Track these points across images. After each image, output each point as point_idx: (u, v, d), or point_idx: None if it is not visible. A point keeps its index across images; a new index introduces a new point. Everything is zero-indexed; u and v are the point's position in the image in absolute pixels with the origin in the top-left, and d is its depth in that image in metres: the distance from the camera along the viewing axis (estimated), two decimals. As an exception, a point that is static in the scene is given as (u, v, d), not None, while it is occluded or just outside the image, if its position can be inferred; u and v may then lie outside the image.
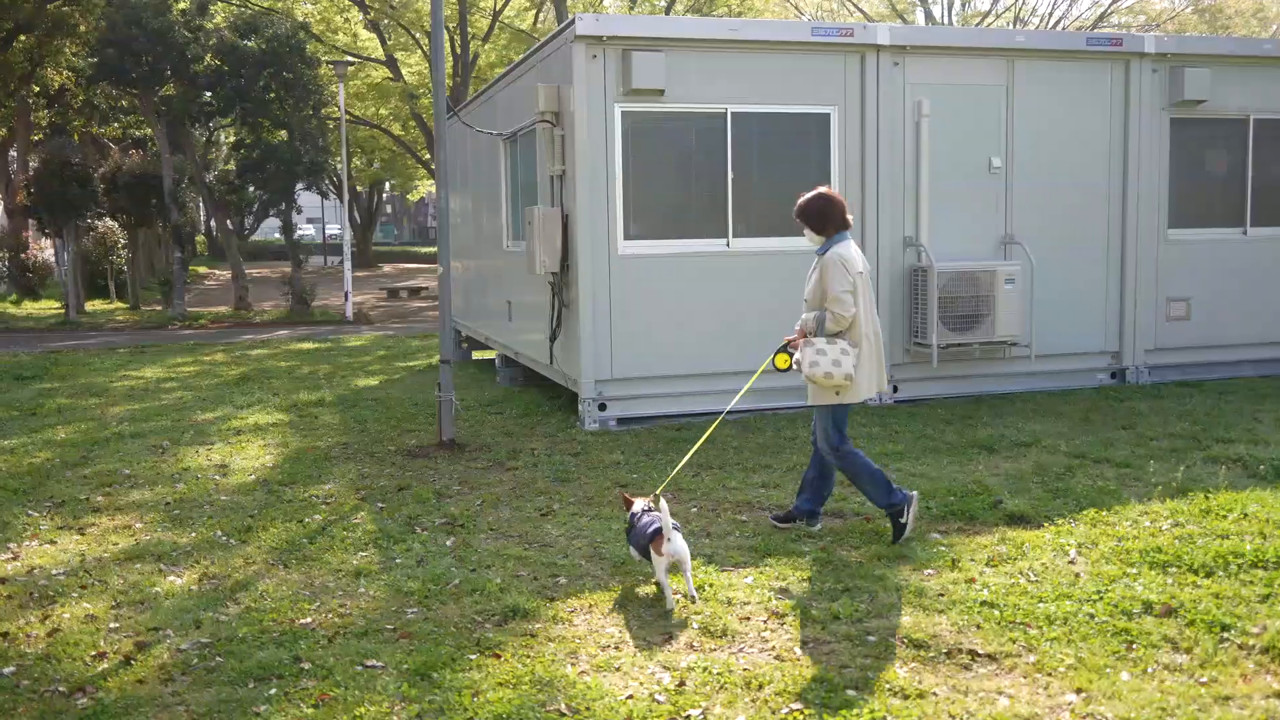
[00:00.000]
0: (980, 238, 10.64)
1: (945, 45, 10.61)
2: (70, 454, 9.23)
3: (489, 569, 5.93)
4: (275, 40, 24.05)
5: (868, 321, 6.05)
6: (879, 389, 6.23)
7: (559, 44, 9.87)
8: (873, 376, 6.10)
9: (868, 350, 6.03)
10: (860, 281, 5.99)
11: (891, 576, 5.55)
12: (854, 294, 5.92)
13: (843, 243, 6.07)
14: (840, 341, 5.96)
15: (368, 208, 50.55)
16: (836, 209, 6.09)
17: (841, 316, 5.95)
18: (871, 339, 6.08)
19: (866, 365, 6.02)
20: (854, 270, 5.95)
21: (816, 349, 5.95)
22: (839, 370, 5.90)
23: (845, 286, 5.91)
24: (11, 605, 5.55)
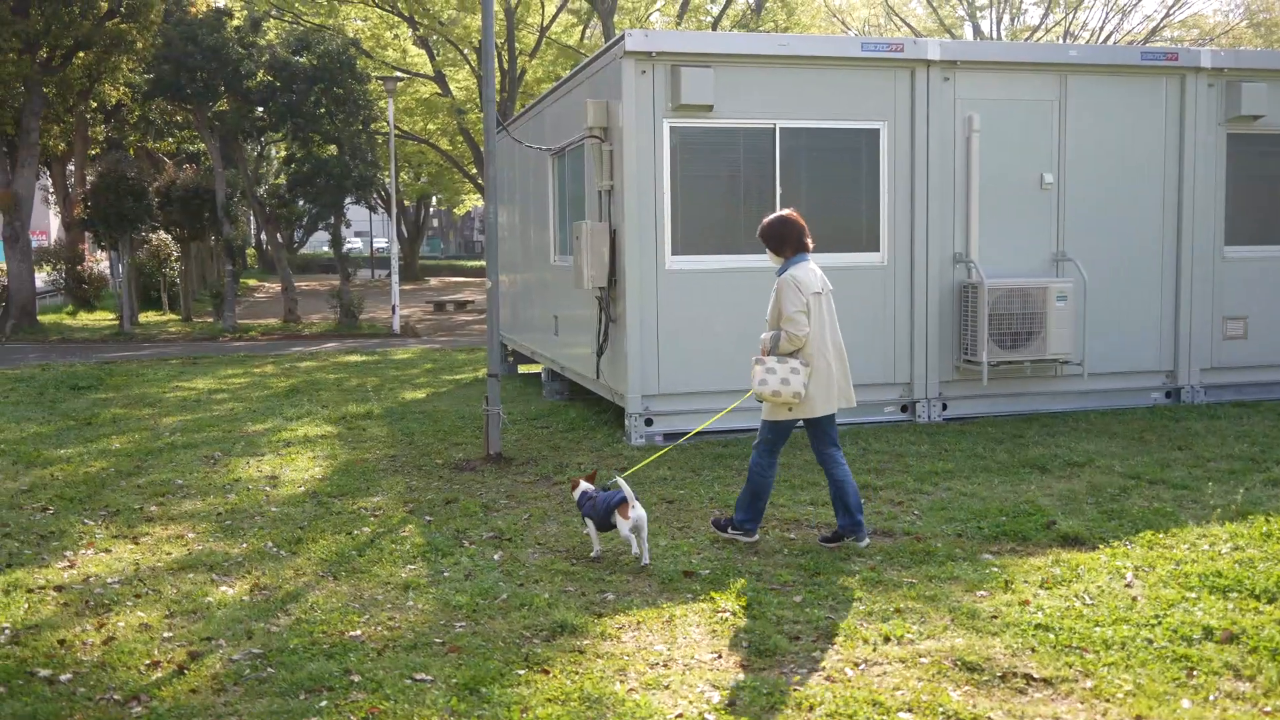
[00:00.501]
0: (1031, 254, 10.53)
1: (997, 60, 10.53)
2: (124, 464, 9.37)
3: (537, 584, 5.93)
4: (326, 56, 24.39)
5: (823, 342, 6.22)
6: (844, 405, 6.39)
7: (608, 60, 9.91)
8: (831, 393, 6.27)
9: (824, 368, 6.21)
10: (816, 302, 6.19)
11: (943, 597, 5.48)
12: (807, 314, 6.11)
13: (799, 264, 6.25)
14: (791, 360, 6.15)
15: (415, 222, 51.01)
16: (793, 232, 6.29)
17: (795, 336, 6.16)
18: (829, 358, 6.25)
19: (822, 382, 6.21)
20: (808, 291, 6.16)
21: (766, 367, 6.17)
22: (787, 388, 6.11)
23: (797, 307, 6.12)
24: (68, 613, 5.63)
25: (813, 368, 6.17)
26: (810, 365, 6.16)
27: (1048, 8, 37.51)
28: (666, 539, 6.69)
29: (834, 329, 6.32)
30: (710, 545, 6.53)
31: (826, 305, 6.27)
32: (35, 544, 6.89)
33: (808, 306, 6.13)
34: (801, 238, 6.31)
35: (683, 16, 30.00)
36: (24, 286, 24.32)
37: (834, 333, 6.31)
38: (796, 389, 6.11)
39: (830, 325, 6.28)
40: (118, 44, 23.08)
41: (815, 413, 6.27)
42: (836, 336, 6.34)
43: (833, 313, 6.33)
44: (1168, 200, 10.87)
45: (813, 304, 6.16)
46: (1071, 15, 37.40)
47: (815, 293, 6.19)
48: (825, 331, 6.24)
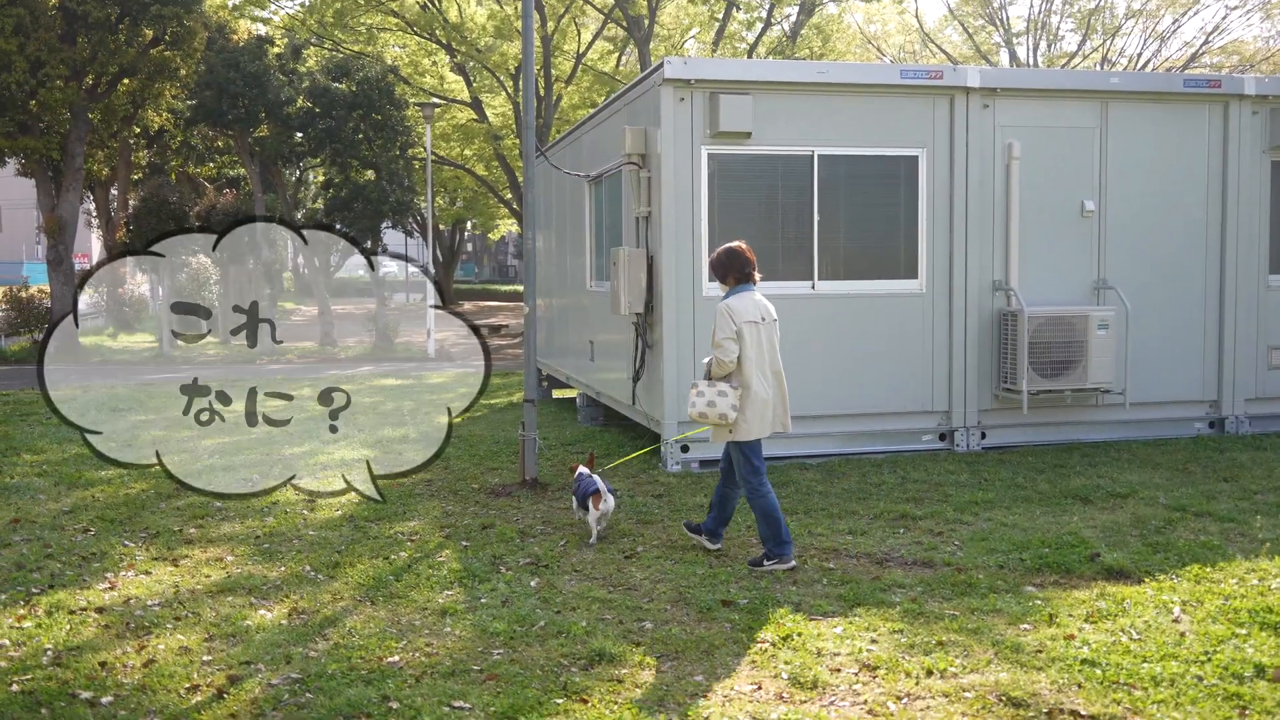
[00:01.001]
0: (1072, 282, 10.43)
1: (1037, 87, 10.46)
2: (164, 486, 9.44)
3: (574, 611, 5.90)
4: (365, 83, 24.67)
5: (761, 368, 6.49)
6: (779, 430, 6.65)
7: (647, 87, 9.95)
8: (765, 416, 6.51)
9: (760, 394, 6.47)
10: (753, 330, 6.46)
11: (986, 630, 5.40)
12: (736, 340, 6.40)
13: (740, 294, 6.58)
14: (719, 384, 6.47)
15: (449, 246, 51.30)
16: (736, 263, 6.65)
17: (723, 361, 6.47)
18: (766, 384, 6.51)
19: (757, 408, 6.47)
20: (741, 320, 6.45)
21: (697, 390, 6.53)
22: (713, 410, 6.42)
23: (727, 334, 6.44)
24: (109, 635, 5.66)
25: (748, 392, 6.43)
26: (740, 389, 6.43)
27: (1085, 34, 37.36)
28: (704, 567, 6.65)
29: (773, 357, 6.58)
30: (748, 574, 6.48)
31: (765, 333, 6.53)
32: (77, 565, 6.95)
33: (739, 334, 6.42)
34: (744, 269, 6.64)
35: (718, 44, 30.10)
36: (67, 309, 24.67)
37: (773, 361, 6.58)
38: (723, 410, 6.40)
39: (769, 353, 6.55)
40: (162, 71, 23.46)
41: (749, 436, 6.52)
42: (776, 364, 6.60)
43: (773, 341, 6.59)
44: (1210, 228, 10.75)
45: (748, 332, 6.44)
46: (1109, 42, 37.22)
47: (750, 321, 6.47)
48: (764, 358, 6.52)
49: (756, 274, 6.70)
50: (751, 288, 6.64)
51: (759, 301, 6.59)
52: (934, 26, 41.92)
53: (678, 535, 7.43)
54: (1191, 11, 35.66)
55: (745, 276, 6.65)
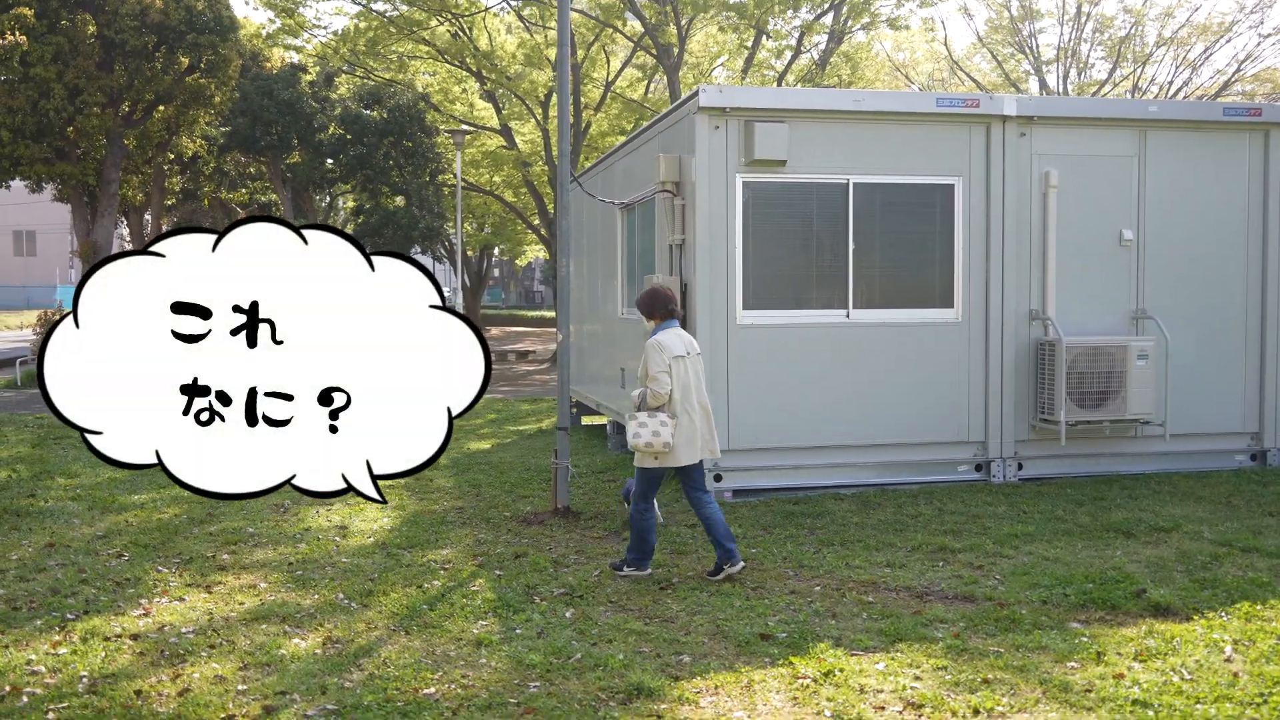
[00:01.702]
0: (1110, 312, 10.31)
1: (1074, 116, 10.38)
2: (196, 511, 9.45)
3: (610, 643, 5.83)
4: (397, 110, 24.90)
5: (688, 399, 6.89)
6: (707, 455, 7.07)
7: (681, 115, 9.95)
8: (695, 445, 6.95)
9: (688, 423, 6.89)
10: (680, 364, 6.87)
11: (1033, 668, 5.28)
12: (669, 374, 6.80)
13: (666, 330, 7.01)
14: (660, 415, 6.85)
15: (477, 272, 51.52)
16: (660, 301, 7.10)
17: (657, 393, 6.86)
18: (693, 414, 6.92)
19: (686, 435, 6.89)
20: (670, 354, 6.87)
21: (639, 421, 6.87)
22: (657, 439, 6.82)
23: (660, 368, 6.83)
24: (144, 662, 5.64)
25: (678, 422, 6.84)
26: (676, 419, 6.83)
27: (1115, 63, 37.23)
28: (741, 599, 6.56)
29: (699, 388, 7.00)
30: (786, 607, 6.39)
31: (691, 366, 6.96)
32: (111, 591, 6.94)
33: (670, 368, 6.81)
34: (668, 306, 7.10)
35: (747, 72, 30.17)
36: (100, 332, 24.88)
37: (699, 391, 6.99)
38: (665, 439, 6.82)
39: (695, 384, 6.97)
40: (197, 98, 23.75)
41: (680, 462, 6.94)
42: (702, 395, 7.02)
43: (698, 373, 7.01)
44: (1251, 258, 10.61)
45: (676, 366, 6.86)
46: (1140, 70, 37.07)
47: (677, 355, 6.89)
48: (690, 390, 6.93)
49: (679, 310, 7.20)
50: (675, 323, 7.11)
51: (684, 336, 7.06)
52: (962, 54, 41.91)
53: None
54: (1223, 40, 35.46)
55: (669, 313, 7.10)
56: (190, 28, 22.75)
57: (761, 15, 26.50)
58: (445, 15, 28.09)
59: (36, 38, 21.56)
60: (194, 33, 22.76)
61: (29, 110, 22.02)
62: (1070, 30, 36.99)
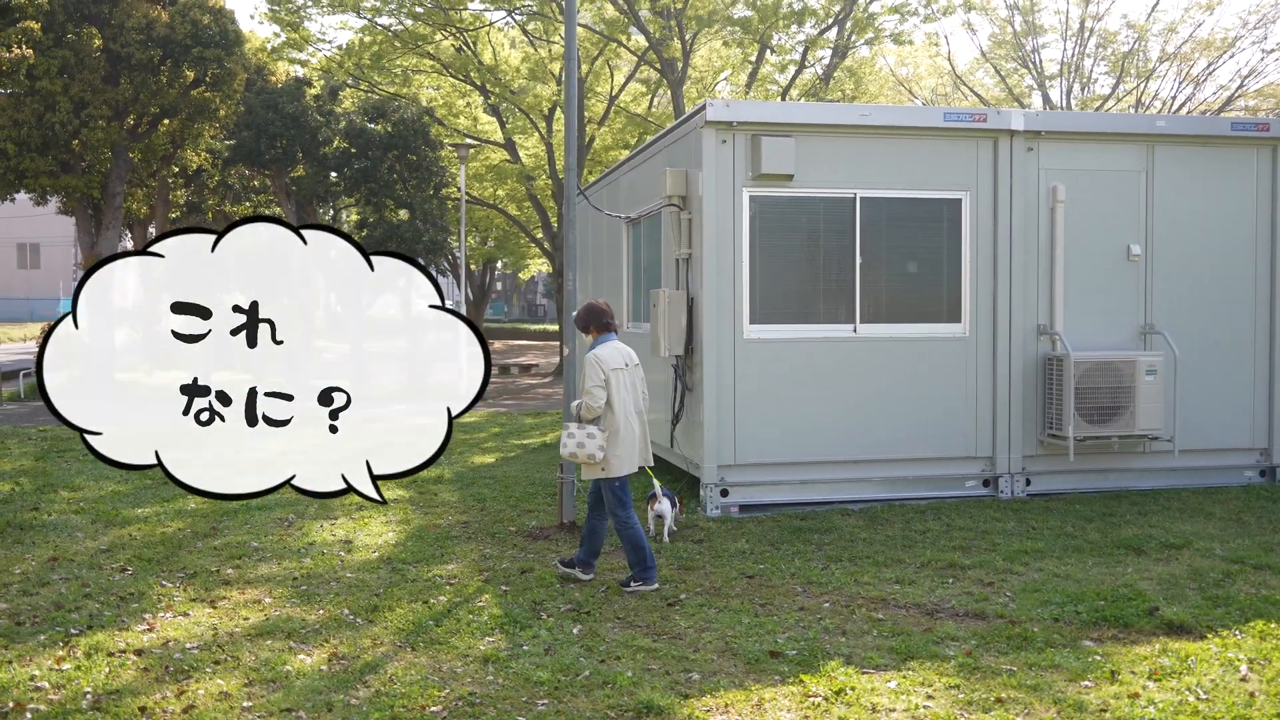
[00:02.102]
0: (1118, 327, 10.27)
1: (1082, 130, 10.36)
2: (200, 524, 9.40)
3: (618, 660, 5.78)
4: (401, 124, 24.90)
5: (627, 411, 7.01)
6: (643, 464, 7.19)
7: (688, 129, 9.93)
8: (632, 455, 7.06)
9: (626, 434, 6.99)
10: (617, 377, 6.98)
11: (1046, 687, 5.23)
12: (605, 388, 6.91)
13: (604, 344, 7.13)
14: (589, 426, 6.96)
15: (480, 285, 51.57)
16: (595, 316, 7.26)
17: (591, 406, 6.97)
18: (633, 425, 7.05)
19: (624, 446, 6.99)
20: (608, 368, 6.98)
21: (568, 432, 7.01)
22: (583, 450, 6.92)
23: (595, 381, 6.95)
24: (148, 678, 5.59)
25: (616, 433, 6.95)
26: (607, 430, 6.95)
27: (1119, 78, 37.27)
28: (750, 616, 6.50)
29: (637, 399, 7.13)
30: (795, 624, 6.33)
31: (628, 379, 7.08)
32: (115, 605, 6.89)
33: (606, 381, 6.94)
34: (603, 320, 7.25)
35: (751, 86, 30.21)
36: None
37: (637, 403, 7.12)
38: (591, 451, 6.91)
39: (633, 395, 7.09)
40: (202, 112, 23.76)
41: (616, 473, 7.02)
42: (640, 405, 7.15)
43: (635, 385, 7.12)
44: (1260, 273, 10.58)
45: (613, 378, 6.98)
46: (1143, 85, 37.10)
47: (615, 368, 7.00)
48: (628, 401, 7.04)
49: (615, 324, 7.31)
50: (613, 337, 7.22)
51: (621, 349, 7.15)
52: (965, 69, 41.97)
53: (721, 582, 7.30)
54: (1227, 55, 35.51)
55: (605, 327, 7.25)
56: (196, 42, 22.77)
57: (766, 30, 26.55)
58: (450, 30, 28.17)
59: (43, 51, 21.59)
60: (199, 47, 22.78)
61: (34, 123, 22.04)
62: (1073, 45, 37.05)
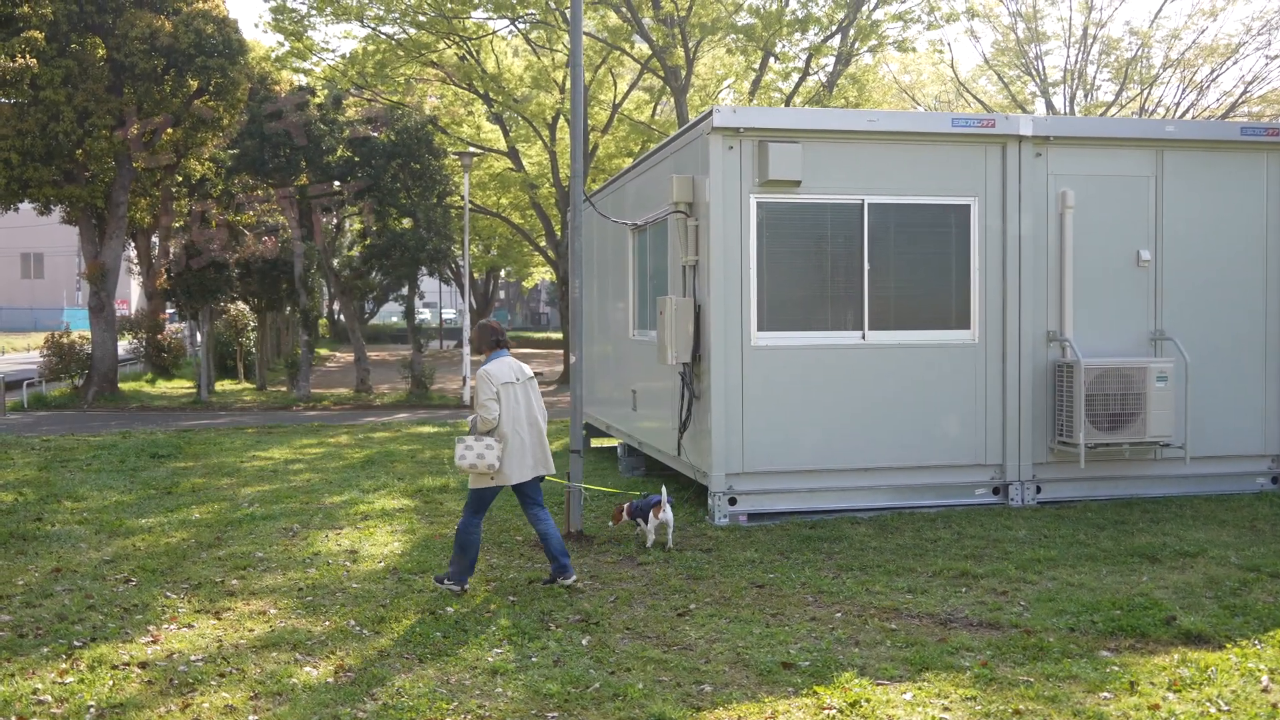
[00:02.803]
0: (1128, 333, 10.19)
1: (1091, 136, 10.30)
2: (205, 535, 9.33)
3: (629, 672, 5.70)
4: (404, 132, 24.86)
5: (517, 421, 7.28)
6: (543, 472, 7.47)
7: (694, 135, 9.87)
8: (525, 464, 7.34)
9: (518, 444, 7.28)
10: (508, 390, 7.29)
11: (1064, 698, 5.14)
12: (496, 401, 7.20)
13: (496, 360, 7.42)
14: (486, 439, 7.19)
15: (484, 293, 51.58)
16: (487, 335, 7.61)
17: (485, 419, 7.22)
18: (523, 435, 7.31)
19: (515, 457, 7.27)
20: (498, 382, 7.27)
21: (466, 445, 7.19)
22: (482, 461, 7.18)
23: (488, 395, 7.24)
24: (152, 691, 5.51)
25: (507, 443, 7.22)
26: (503, 443, 7.20)
27: (1122, 84, 37.23)
28: (761, 627, 6.42)
29: (529, 410, 7.39)
30: (808, 634, 6.25)
31: (521, 391, 7.38)
32: (119, 617, 6.82)
33: (498, 395, 7.21)
34: (494, 338, 7.56)
35: (754, 94, 30.17)
36: (107, 355, 24.85)
37: (529, 413, 7.39)
38: (490, 462, 7.17)
39: (525, 407, 7.36)
40: (205, 121, 23.77)
41: (511, 480, 7.29)
42: (533, 415, 7.41)
43: (528, 397, 7.40)
44: (1271, 278, 10.50)
45: (504, 392, 7.26)
46: (1146, 91, 37.06)
47: (506, 382, 7.30)
48: (520, 413, 7.32)
49: (506, 342, 7.60)
50: (505, 353, 7.52)
51: (512, 364, 7.46)
52: (968, 76, 41.95)
53: (731, 591, 7.22)
54: (1230, 61, 35.45)
55: (496, 344, 7.55)
56: (199, 51, 22.78)
57: (769, 37, 26.52)
58: (453, 38, 28.17)
59: (46, 61, 21.59)
60: (203, 56, 22.79)
61: (38, 133, 22.03)
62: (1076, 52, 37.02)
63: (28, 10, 21.59)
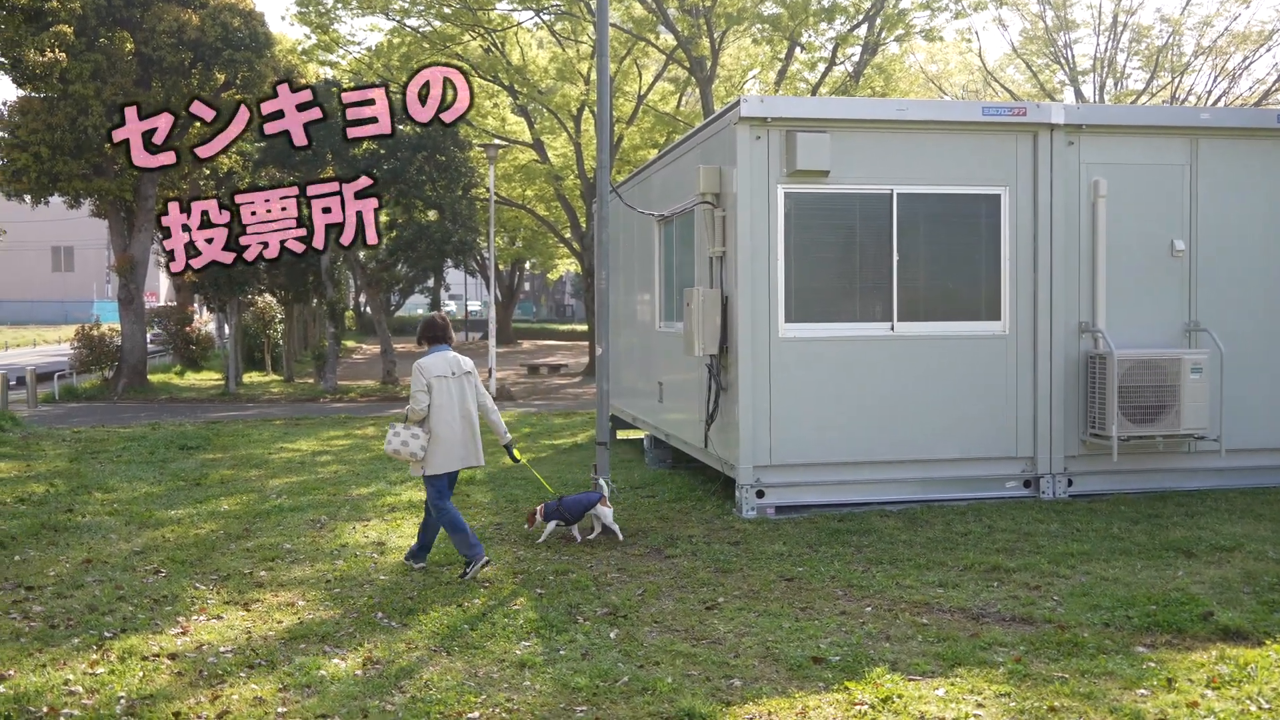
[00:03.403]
0: (1162, 324, 10.04)
1: (1124, 124, 10.16)
2: (233, 526, 9.37)
3: (657, 665, 5.66)
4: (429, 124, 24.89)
5: (449, 414, 7.55)
6: (474, 464, 7.74)
7: (721, 125, 9.80)
8: (453, 454, 7.59)
9: (447, 435, 7.54)
10: (442, 384, 7.56)
11: (1100, 695, 5.06)
12: (426, 393, 7.49)
13: (433, 354, 7.68)
14: (413, 428, 7.54)
15: (508, 285, 51.65)
16: (428, 330, 7.86)
17: (413, 410, 7.52)
18: (455, 427, 7.57)
19: (443, 448, 7.53)
20: (430, 375, 7.56)
21: (394, 432, 7.58)
22: (406, 449, 7.50)
23: (418, 388, 7.53)
24: (182, 683, 5.52)
25: (436, 435, 7.49)
26: (430, 433, 7.50)
27: (1153, 73, 36.79)
28: (790, 620, 6.37)
29: (462, 404, 7.63)
30: (837, 629, 6.19)
31: (456, 385, 7.63)
32: (149, 608, 6.85)
33: (429, 388, 7.51)
34: (435, 334, 7.81)
35: (779, 84, 30.01)
36: (137, 347, 25.05)
37: (462, 406, 7.62)
38: (414, 450, 7.48)
39: (459, 400, 7.61)
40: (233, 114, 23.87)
41: (436, 470, 7.56)
42: (466, 409, 7.64)
43: (462, 391, 7.63)
44: (1308, 268, 10.32)
45: (437, 385, 7.54)
46: (1178, 79, 36.61)
47: (439, 376, 7.57)
48: (453, 406, 7.57)
49: (447, 337, 7.84)
50: (444, 348, 7.76)
51: (450, 358, 7.70)
52: (995, 66, 41.60)
53: (759, 585, 7.17)
54: (1263, 49, 34.96)
55: (436, 339, 7.80)
56: (226, 44, 22.89)
57: (796, 27, 26.35)
58: (478, 30, 28.16)
59: (75, 55, 21.74)
60: (230, 49, 22.89)
61: (67, 127, 22.20)
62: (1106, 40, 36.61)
63: (56, 4, 21.73)
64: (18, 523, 9.41)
